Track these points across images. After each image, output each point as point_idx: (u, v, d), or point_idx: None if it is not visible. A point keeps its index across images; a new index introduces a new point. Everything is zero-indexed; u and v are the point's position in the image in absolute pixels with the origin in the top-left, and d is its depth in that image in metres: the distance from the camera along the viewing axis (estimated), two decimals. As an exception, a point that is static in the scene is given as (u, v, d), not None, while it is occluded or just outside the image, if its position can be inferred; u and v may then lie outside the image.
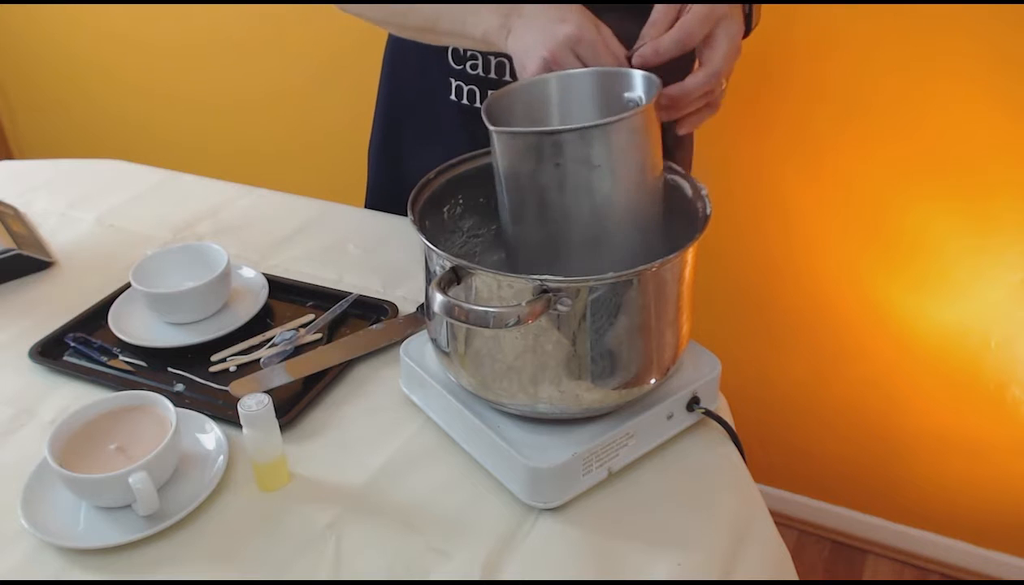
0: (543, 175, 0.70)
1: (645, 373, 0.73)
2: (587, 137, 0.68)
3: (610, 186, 0.71)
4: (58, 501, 0.75)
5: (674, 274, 0.71)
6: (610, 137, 0.69)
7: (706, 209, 0.74)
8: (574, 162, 0.69)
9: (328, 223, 1.18)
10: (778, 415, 1.75)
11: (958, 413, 1.57)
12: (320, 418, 0.84)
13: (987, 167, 1.37)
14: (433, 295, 0.65)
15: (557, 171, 0.69)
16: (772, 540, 0.76)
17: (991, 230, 1.41)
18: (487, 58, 1.00)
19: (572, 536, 0.71)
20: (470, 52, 1.01)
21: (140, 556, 0.71)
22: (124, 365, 0.92)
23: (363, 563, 0.70)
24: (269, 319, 0.98)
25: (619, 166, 0.71)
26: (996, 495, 1.62)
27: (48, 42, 2.16)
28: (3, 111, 2.35)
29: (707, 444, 0.80)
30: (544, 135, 0.69)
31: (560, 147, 0.69)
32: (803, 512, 1.83)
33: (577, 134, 0.68)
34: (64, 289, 1.06)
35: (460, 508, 0.74)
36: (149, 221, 1.21)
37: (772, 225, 1.58)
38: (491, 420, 0.75)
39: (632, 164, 0.71)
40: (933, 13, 1.30)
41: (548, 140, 0.69)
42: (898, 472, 1.69)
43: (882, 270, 1.52)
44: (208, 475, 0.76)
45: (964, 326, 1.49)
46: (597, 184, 0.70)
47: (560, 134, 0.68)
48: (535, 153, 0.70)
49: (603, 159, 0.69)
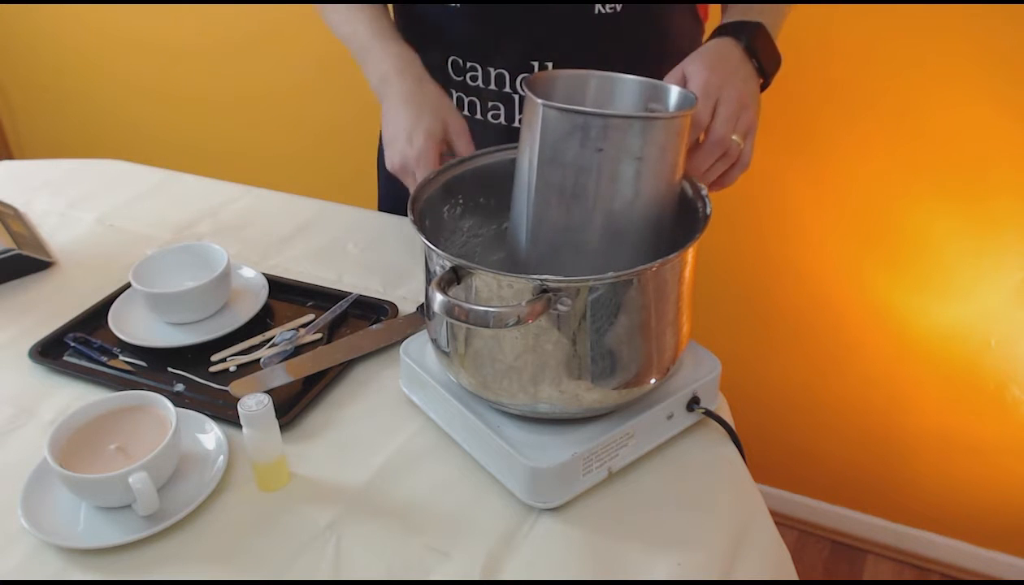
0: (584, 158, 0.71)
1: (645, 373, 0.73)
2: (635, 128, 0.70)
3: (644, 181, 0.72)
4: (58, 501, 0.75)
5: (674, 274, 0.71)
6: (656, 133, 0.71)
7: (706, 209, 0.74)
8: (617, 149, 0.70)
9: (328, 223, 1.18)
10: (778, 415, 1.75)
11: (958, 413, 1.57)
12: (320, 418, 0.84)
13: (988, 168, 1.37)
14: (433, 295, 0.65)
15: (599, 156, 0.70)
16: (772, 540, 0.76)
17: (991, 231, 1.41)
18: (487, 70, 1.00)
19: (572, 536, 0.71)
20: (469, 64, 1.01)
21: (140, 556, 0.71)
22: (124, 365, 0.92)
23: (363, 563, 0.70)
24: (269, 319, 0.98)
25: (657, 163, 0.72)
26: (996, 495, 1.62)
27: (48, 42, 2.16)
28: (3, 111, 2.35)
29: (707, 444, 0.80)
30: (594, 117, 0.70)
31: (607, 132, 0.69)
32: (803, 512, 1.83)
33: (627, 122, 0.70)
34: (64, 289, 1.06)
35: (460, 508, 0.74)
36: (149, 221, 1.21)
37: (772, 225, 1.58)
38: (491, 420, 0.75)
39: (667, 165, 0.73)
40: (935, 15, 1.30)
41: (597, 122, 0.70)
42: (898, 472, 1.69)
43: (882, 270, 1.52)
44: (208, 475, 0.76)
45: (964, 326, 1.49)
46: (633, 176, 0.71)
47: (610, 118, 0.70)
48: (581, 133, 0.70)
49: (645, 152, 0.70)
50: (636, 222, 0.73)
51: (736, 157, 0.85)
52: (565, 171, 0.72)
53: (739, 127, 0.83)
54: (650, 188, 0.73)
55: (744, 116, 0.83)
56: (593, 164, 0.71)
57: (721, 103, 0.82)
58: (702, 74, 0.82)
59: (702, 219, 0.73)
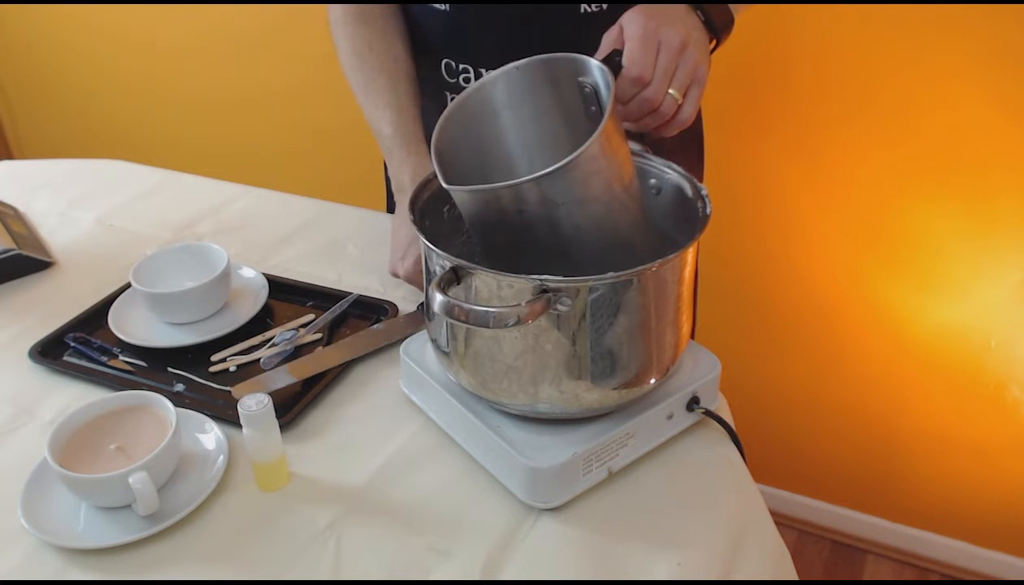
0: (510, 221, 0.69)
1: (645, 373, 0.73)
2: (546, 182, 0.65)
3: (580, 215, 0.69)
4: (58, 501, 0.75)
5: (674, 274, 0.71)
6: (570, 174, 0.66)
7: (706, 209, 0.74)
8: (538, 206, 0.67)
9: (328, 223, 1.18)
10: (778, 415, 1.75)
11: (958, 413, 1.57)
12: (320, 418, 0.84)
13: (987, 168, 1.37)
14: (433, 295, 0.65)
15: (521, 216, 0.68)
16: (772, 540, 0.76)
17: (991, 230, 1.41)
18: (479, 72, 1.01)
19: (572, 536, 0.71)
20: (462, 65, 1.01)
21: (140, 556, 0.71)
22: (124, 365, 0.92)
23: (363, 563, 0.70)
24: (269, 319, 0.98)
25: (586, 194, 0.68)
26: (996, 495, 1.62)
27: (48, 42, 2.16)
28: (3, 111, 2.35)
29: (707, 444, 0.80)
30: (502, 190, 0.66)
31: (521, 196, 0.67)
32: (803, 512, 1.83)
33: (535, 182, 0.65)
34: (64, 289, 1.06)
35: (460, 508, 0.74)
36: (149, 221, 1.21)
37: (772, 225, 1.58)
38: (491, 420, 0.75)
39: (598, 188, 0.69)
40: (934, 13, 1.30)
41: (507, 193, 0.67)
42: (898, 472, 1.69)
43: (882, 270, 1.52)
44: (208, 475, 0.76)
45: (964, 326, 1.49)
46: (567, 218, 0.68)
47: (518, 186, 0.66)
48: (496, 205, 0.68)
49: (567, 196, 0.67)
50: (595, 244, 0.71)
51: (671, 114, 0.78)
52: (500, 233, 0.71)
53: (678, 78, 0.77)
54: (593, 214, 0.69)
55: (685, 64, 0.77)
56: (521, 224, 0.68)
57: (661, 49, 0.75)
58: (638, 20, 0.76)
59: (702, 219, 0.73)
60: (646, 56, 0.75)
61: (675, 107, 0.78)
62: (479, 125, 0.76)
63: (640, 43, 0.75)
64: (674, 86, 0.77)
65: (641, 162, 0.80)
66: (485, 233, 0.73)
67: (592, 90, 0.74)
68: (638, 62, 0.75)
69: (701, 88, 0.79)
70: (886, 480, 1.72)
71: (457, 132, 0.74)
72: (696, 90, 0.79)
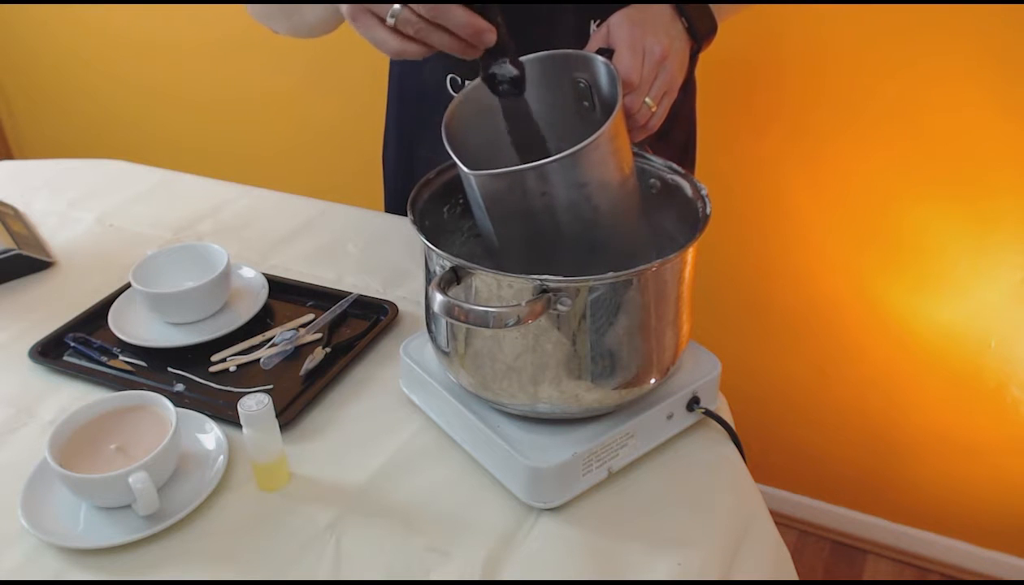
0: (532, 205, 0.69)
1: (645, 373, 0.73)
2: (572, 161, 0.66)
3: (600, 197, 0.70)
4: (58, 501, 0.75)
5: (674, 274, 0.71)
6: (593, 153, 0.67)
7: (706, 209, 0.74)
8: (563, 187, 0.68)
9: (328, 223, 1.18)
10: (778, 415, 1.75)
11: (958, 413, 1.57)
12: (320, 418, 0.84)
13: (986, 168, 1.37)
14: (433, 295, 0.65)
15: (545, 199, 0.68)
16: (772, 540, 0.76)
17: (991, 230, 1.41)
18: None
19: (572, 536, 0.71)
20: (467, 82, 1.00)
21: (140, 556, 0.71)
22: (124, 365, 0.92)
23: (363, 563, 0.70)
24: (269, 319, 0.98)
25: (605, 175, 0.70)
26: (996, 495, 1.62)
27: (48, 42, 2.16)
28: (3, 111, 2.35)
29: (707, 444, 0.80)
30: (528, 171, 0.67)
31: (546, 177, 0.67)
32: (803, 512, 1.83)
33: (561, 162, 0.66)
34: (64, 289, 1.06)
35: (460, 508, 0.74)
36: (149, 221, 1.21)
37: (772, 225, 1.58)
38: (491, 420, 0.75)
39: (615, 169, 0.71)
40: (932, 14, 1.30)
41: (533, 174, 0.67)
42: (898, 472, 1.69)
43: (882, 270, 1.52)
44: (208, 475, 0.76)
45: (964, 326, 1.49)
46: (587, 199, 0.69)
47: (545, 166, 0.66)
48: (520, 188, 0.68)
49: (590, 175, 0.68)
50: (611, 227, 0.72)
51: (643, 122, 0.80)
52: (520, 218, 0.71)
53: (655, 87, 0.79)
54: (610, 196, 0.71)
55: (663, 76, 0.80)
56: (545, 207, 0.69)
57: (645, 57, 0.78)
58: (626, 26, 0.79)
59: (702, 219, 0.73)
60: (633, 63, 0.78)
61: (648, 116, 0.80)
62: (481, 122, 0.77)
63: (628, 50, 0.78)
64: (651, 95, 0.79)
65: (641, 162, 0.81)
66: (502, 223, 0.73)
67: (587, 85, 0.76)
68: (626, 68, 0.77)
69: (672, 98, 0.82)
70: (886, 480, 1.72)
71: (461, 129, 0.75)
72: (667, 101, 0.81)
